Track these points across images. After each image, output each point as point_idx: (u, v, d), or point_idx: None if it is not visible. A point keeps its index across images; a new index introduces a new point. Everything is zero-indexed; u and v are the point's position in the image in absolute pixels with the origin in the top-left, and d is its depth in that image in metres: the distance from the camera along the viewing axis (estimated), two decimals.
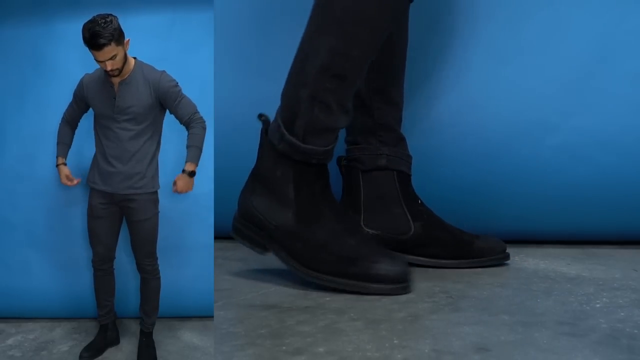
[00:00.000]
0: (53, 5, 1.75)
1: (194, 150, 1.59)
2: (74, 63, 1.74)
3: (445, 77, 1.60)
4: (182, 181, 1.58)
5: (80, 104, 1.67)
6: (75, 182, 1.67)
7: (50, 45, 1.74)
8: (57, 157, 1.69)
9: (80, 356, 1.59)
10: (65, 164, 1.68)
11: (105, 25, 1.48)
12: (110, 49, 1.50)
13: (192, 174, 1.58)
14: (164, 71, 1.62)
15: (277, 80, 1.72)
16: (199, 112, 1.62)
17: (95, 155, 1.65)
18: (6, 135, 1.78)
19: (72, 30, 1.75)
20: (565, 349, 0.96)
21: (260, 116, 1.34)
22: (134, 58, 1.61)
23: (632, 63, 1.60)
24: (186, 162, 1.59)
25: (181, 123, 1.63)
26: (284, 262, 1.32)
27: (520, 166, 1.62)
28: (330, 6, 1.28)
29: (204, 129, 1.62)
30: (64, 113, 1.70)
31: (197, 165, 1.59)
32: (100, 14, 1.50)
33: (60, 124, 1.70)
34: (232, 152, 1.68)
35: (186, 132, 1.63)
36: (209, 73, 1.71)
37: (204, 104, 1.74)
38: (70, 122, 1.70)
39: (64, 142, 1.70)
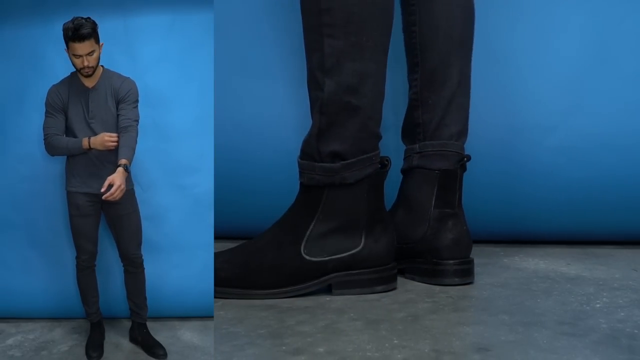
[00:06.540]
0: (53, 5, 1.76)
1: (129, 149, 1.59)
2: None
3: None
4: (120, 174, 1.52)
5: (62, 113, 1.64)
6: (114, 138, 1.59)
7: (50, 45, 1.75)
8: (81, 141, 1.60)
9: (90, 356, 1.60)
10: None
11: (87, 20, 1.57)
12: (91, 44, 1.57)
13: (126, 167, 1.55)
14: (128, 77, 1.67)
15: (277, 80, 1.73)
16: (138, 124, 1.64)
17: (69, 161, 1.66)
18: (7, 135, 1.78)
19: None
20: (565, 349, 0.96)
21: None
22: (102, 66, 1.65)
23: (631, 63, 1.60)
24: (120, 157, 1.56)
25: (119, 122, 1.63)
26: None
27: (519, 167, 1.62)
28: None
29: (137, 136, 1.63)
30: (49, 130, 1.62)
31: (130, 161, 1.58)
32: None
33: (52, 139, 1.61)
34: (232, 152, 1.68)
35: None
36: (209, 73, 1.71)
37: (204, 104, 1.75)
38: (61, 134, 1.64)
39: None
